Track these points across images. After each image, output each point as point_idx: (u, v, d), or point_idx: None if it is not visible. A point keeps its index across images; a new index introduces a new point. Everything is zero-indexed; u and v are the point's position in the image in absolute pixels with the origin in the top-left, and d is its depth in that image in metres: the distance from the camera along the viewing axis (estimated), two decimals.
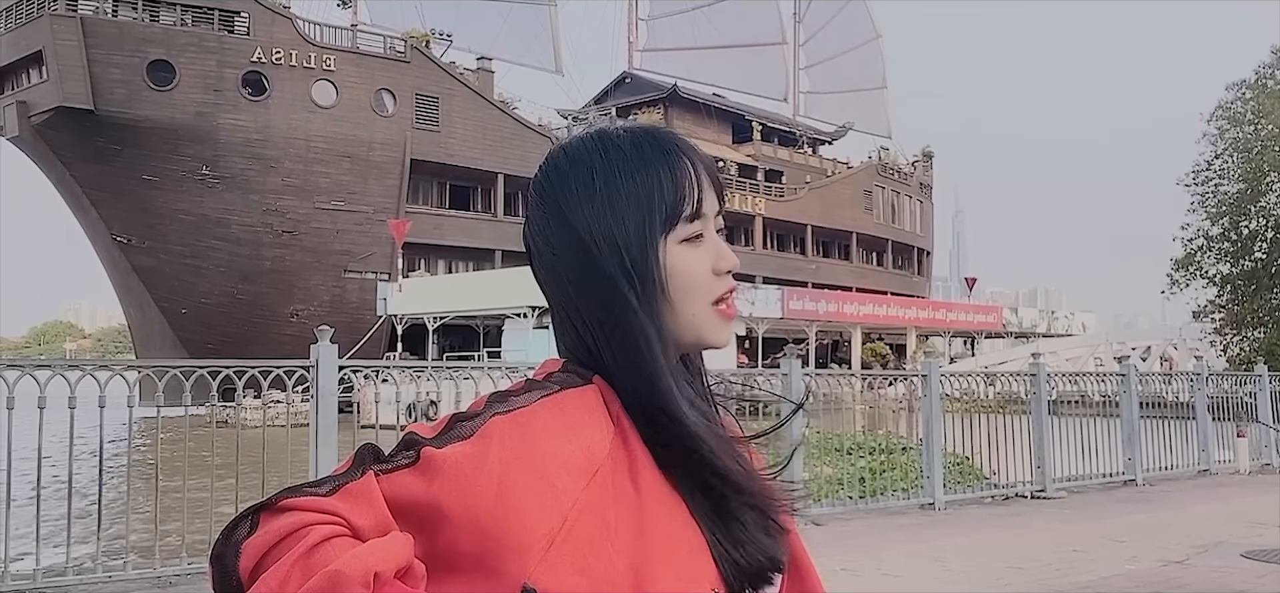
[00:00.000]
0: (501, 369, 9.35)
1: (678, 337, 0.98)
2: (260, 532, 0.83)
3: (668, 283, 0.96)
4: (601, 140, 1.01)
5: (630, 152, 0.99)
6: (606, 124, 1.05)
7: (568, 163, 1.01)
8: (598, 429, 0.92)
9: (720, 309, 0.99)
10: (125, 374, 6.79)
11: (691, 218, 0.98)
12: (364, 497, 0.86)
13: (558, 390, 0.94)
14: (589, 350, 0.98)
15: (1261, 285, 30.79)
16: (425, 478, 0.87)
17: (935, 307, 59.50)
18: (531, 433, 0.89)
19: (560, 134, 53.66)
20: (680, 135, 1.04)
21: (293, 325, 40.88)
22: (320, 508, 0.84)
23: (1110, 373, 14.19)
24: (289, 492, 0.86)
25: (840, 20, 75.59)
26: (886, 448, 11.75)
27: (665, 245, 0.97)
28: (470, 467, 0.87)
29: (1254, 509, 10.27)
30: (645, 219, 0.96)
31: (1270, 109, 29.20)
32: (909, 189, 73.42)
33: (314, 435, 6.88)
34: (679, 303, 0.97)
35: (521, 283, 39.23)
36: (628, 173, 0.98)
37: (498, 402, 0.93)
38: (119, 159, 40.94)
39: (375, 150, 45.67)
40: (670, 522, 0.92)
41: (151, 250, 42.78)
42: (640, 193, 0.97)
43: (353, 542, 0.83)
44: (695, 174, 0.99)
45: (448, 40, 50.26)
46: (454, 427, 0.90)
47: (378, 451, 0.90)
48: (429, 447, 0.88)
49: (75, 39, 39.94)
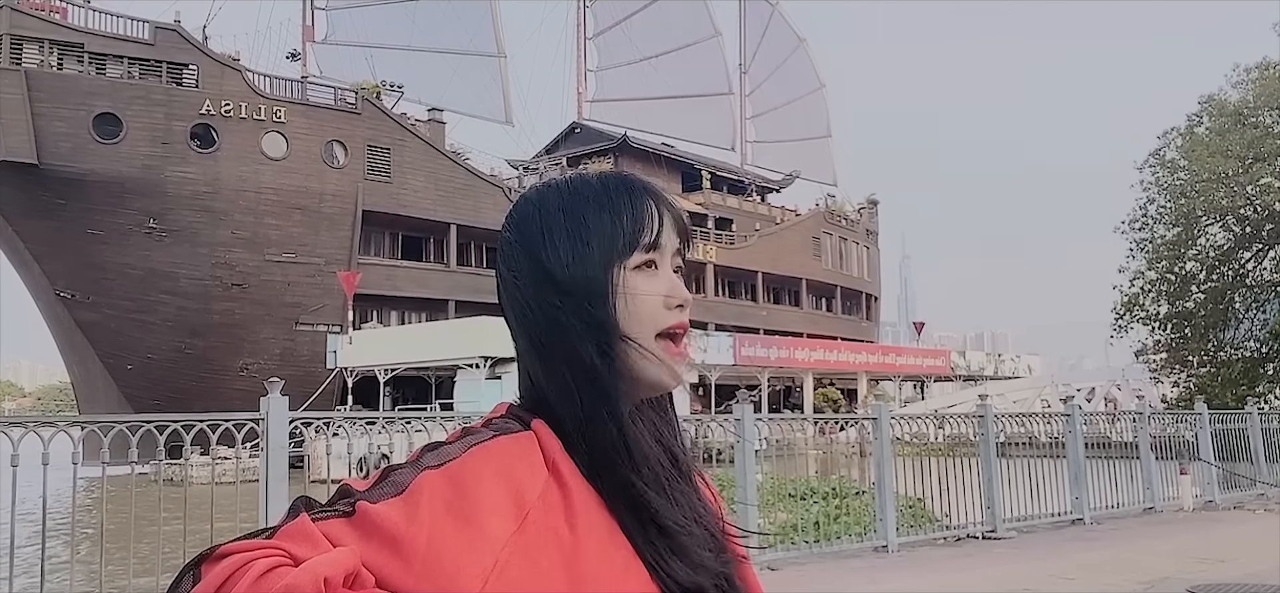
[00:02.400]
0: (455, 420, 9.29)
1: (631, 374, 1.00)
2: (204, 581, 0.83)
3: (618, 306, 0.99)
4: (570, 181, 1.06)
5: (597, 188, 1.04)
6: (575, 170, 1.10)
7: (537, 200, 1.05)
8: (529, 474, 0.94)
9: (667, 345, 1.01)
10: (69, 430, 6.66)
11: (648, 247, 1.01)
12: (302, 535, 0.87)
13: (491, 437, 0.96)
14: (541, 386, 1.00)
15: (1197, 326, 31.54)
16: (360, 532, 0.88)
17: (885, 351, 60.07)
18: (460, 482, 0.91)
19: (512, 184, 53.78)
20: (649, 180, 1.08)
21: (242, 380, 40.19)
22: (261, 546, 0.86)
23: (1056, 414, 14.44)
24: (226, 542, 0.87)
25: (784, 70, 76.86)
26: (840, 492, 11.82)
27: (620, 270, 1.00)
28: (402, 524, 0.88)
29: (1198, 545, 10.47)
30: (604, 245, 1.00)
31: (1199, 155, 30.08)
32: (856, 235, 74.39)
33: (263, 490, 6.78)
34: (628, 330, 0.99)
35: (474, 333, 39.05)
36: (593, 205, 1.02)
37: (429, 454, 0.94)
38: (63, 213, 40.21)
39: (326, 202, 45.34)
40: (608, 563, 0.93)
41: (96, 306, 41.94)
42: (603, 222, 1.01)
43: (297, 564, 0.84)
44: (657, 209, 1.03)
45: (399, 92, 50.21)
46: (386, 479, 0.92)
47: (311, 501, 0.92)
48: (363, 500, 0.90)
49: (19, 92, 39.32)
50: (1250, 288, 31.38)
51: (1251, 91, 31.08)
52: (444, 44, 54.46)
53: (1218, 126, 30.92)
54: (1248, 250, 31.55)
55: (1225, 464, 15.56)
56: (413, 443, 7.80)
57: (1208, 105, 31.78)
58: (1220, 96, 31.77)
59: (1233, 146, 29.44)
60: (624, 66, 69.19)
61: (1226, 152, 29.42)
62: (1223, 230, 31.55)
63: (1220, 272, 31.72)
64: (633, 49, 68.49)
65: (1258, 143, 29.33)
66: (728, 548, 1.05)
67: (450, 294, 48.80)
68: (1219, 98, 31.74)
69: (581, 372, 0.98)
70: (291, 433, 7.04)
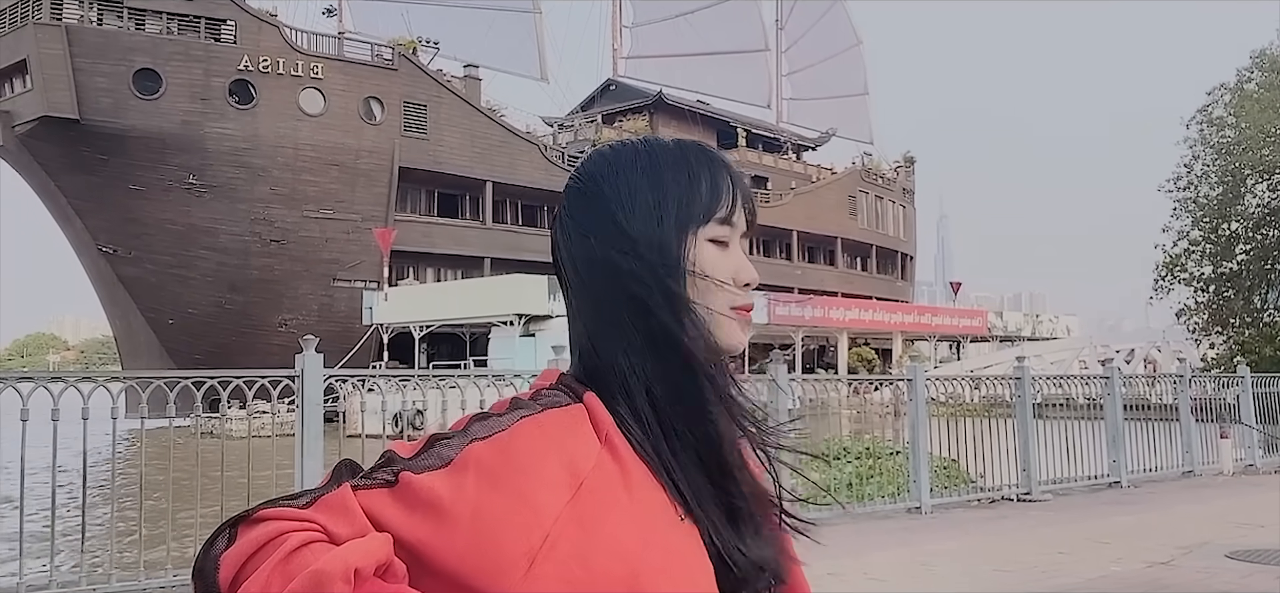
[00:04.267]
0: (488, 377, 9.33)
1: (699, 335, 0.98)
2: (238, 543, 0.83)
3: (696, 273, 0.98)
4: (646, 141, 1.04)
5: (674, 152, 1.03)
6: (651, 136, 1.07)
7: (613, 156, 1.03)
8: (581, 444, 0.91)
9: (737, 311, 1.01)
10: (109, 386, 6.76)
11: (723, 221, 1.00)
12: (341, 508, 0.86)
13: (541, 410, 0.93)
14: (600, 351, 0.98)
15: (1242, 287, 31.00)
16: (402, 503, 0.87)
17: (921, 311, 59.69)
18: (510, 455, 0.89)
19: (547, 141, 53.76)
20: (727, 157, 1.07)
21: (280, 335, 40.72)
22: (298, 518, 0.85)
23: (1094, 376, 14.27)
24: (266, 505, 0.87)
25: (821, 27, 76.00)
26: (873, 453, 11.77)
27: (696, 237, 0.99)
28: (446, 496, 0.87)
29: (1238, 510, 10.34)
30: (682, 209, 0.99)
31: (1248, 112, 29.40)
32: (892, 194, 73.73)
33: (299, 446, 6.86)
34: (702, 297, 0.98)
35: (508, 290, 39.27)
36: (670, 167, 1.01)
37: (478, 424, 0.92)
38: (105, 169, 40.76)
39: (363, 158, 45.58)
40: (668, 530, 0.91)
41: (138, 261, 42.58)
42: (681, 185, 1.00)
43: (331, 547, 0.83)
44: (733, 184, 1.02)
45: (434, 48, 50.25)
46: (432, 448, 0.90)
47: (355, 466, 0.91)
48: (407, 470, 0.88)
49: (60, 48, 39.77)
50: None
51: None
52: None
53: (1268, 82, 30.20)
54: None
55: (1268, 428, 15.33)
56: (446, 400, 7.85)
57: (1259, 60, 31.03)
58: (1272, 51, 30.99)
59: None
60: (659, 23, 68.78)
61: (1277, 107, 28.74)
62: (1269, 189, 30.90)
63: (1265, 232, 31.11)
64: (668, 5, 68.05)
65: None
66: (781, 534, 1.04)
67: (486, 251, 49.01)
68: (1271, 53, 30.96)
69: (650, 333, 0.96)
70: (327, 389, 7.11)
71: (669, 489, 0.94)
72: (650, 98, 62.52)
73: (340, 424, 7.75)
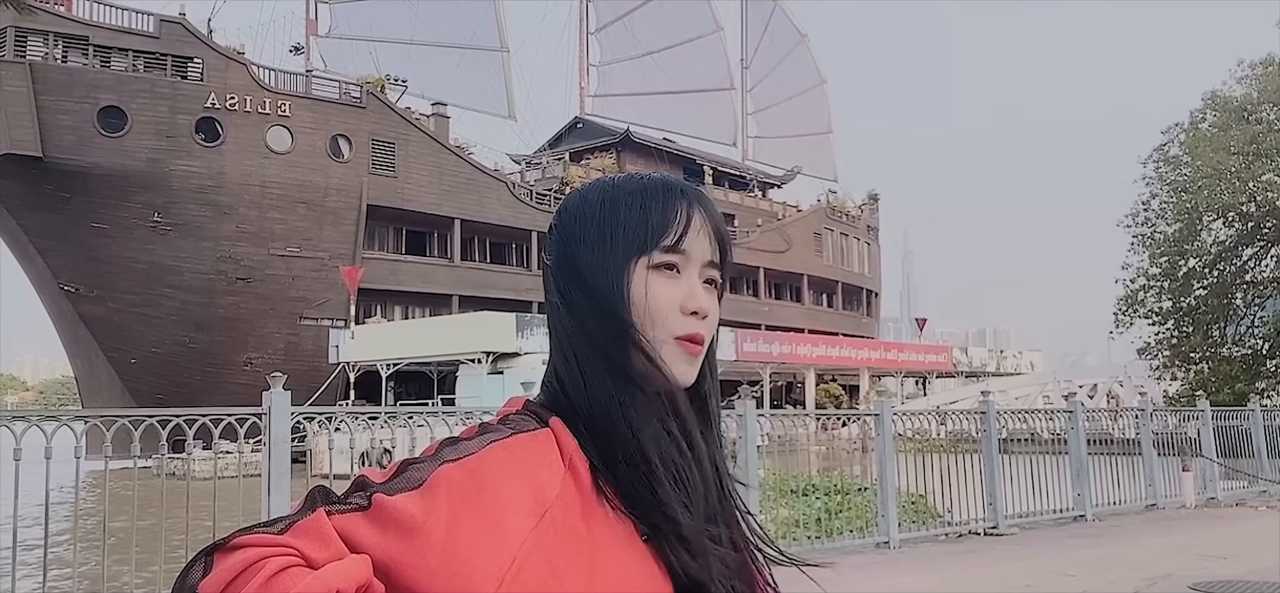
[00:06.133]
0: (457, 415, 9.30)
1: (640, 369, 0.98)
2: (216, 571, 0.83)
3: (631, 301, 0.98)
4: (617, 177, 1.06)
5: (637, 186, 1.04)
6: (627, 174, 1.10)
7: (583, 193, 1.06)
8: (548, 471, 0.93)
9: (682, 342, 1.00)
10: (72, 424, 6.67)
11: (669, 248, 1.00)
12: (317, 532, 0.86)
13: (509, 434, 0.95)
14: (562, 380, 1.00)
15: (1200, 322, 31.52)
16: (376, 525, 0.88)
17: (887, 347, 60.05)
18: (479, 477, 0.90)
19: (514, 179, 53.78)
20: (700, 189, 1.07)
21: (246, 374, 40.23)
22: (274, 543, 0.85)
23: (1058, 411, 14.43)
24: (241, 532, 0.87)
25: (785, 66, 76.87)
26: (841, 488, 11.83)
27: (636, 265, 0.99)
28: (419, 515, 0.88)
29: (1200, 542, 10.47)
30: (628, 240, 1.00)
31: (1202, 151, 30.04)
32: (857, 231, 74.33)
33: (266, 485, 6.80)
34: (642, 326, 0.98)
35: (476, 328, 39.08)
36: (625, 201, 1.02)
37: (448, 448, 0.94)
38: (68, 206, 40.24)
39: (331, 196, 45.35)
40: (623, 563, 0.92)
41: (100, 299, 41.98)
42: (631, 216, 1.01)
43: (310, 570, 0.83)
44: (686, 213, 1.02)
45: (402, 86, 50.21)
46: (404, 472, 0.92)
47: (329, 492, 0.92)
48: (380, 493, 0.89)
49: (24, 85, 39.34)
50: (1252, 285, 31.35)
51: (1255, 87, 31.04)
52: (447, 38, 54.48)
53: (1221, 122, 30.90)
54: (1249, 247, 31.51)
55: (1227, 461, 15.56)
56: (414, 438, 7.81)
57: (1211, 101, 31.75)
58: (1224, 92, 31.74)
59: (1235, 142, 29.41)
60: (626, 61, 69.19)
61: (1229, 147, 29.39)
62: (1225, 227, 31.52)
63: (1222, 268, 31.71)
64: (635, 44, 68.48)
65: (1260, 138, 29.28)
66: (749, 555, 1.04)
67: (454, 289, 48.80)
68: (1223, 94, 31.71)
69: (593, 365, 0.98)
70: (294, 428, 7.06)
71: (625, 512, 0.95)
72: (617, 136, 62.75)
73: (307, 464, 7.69)
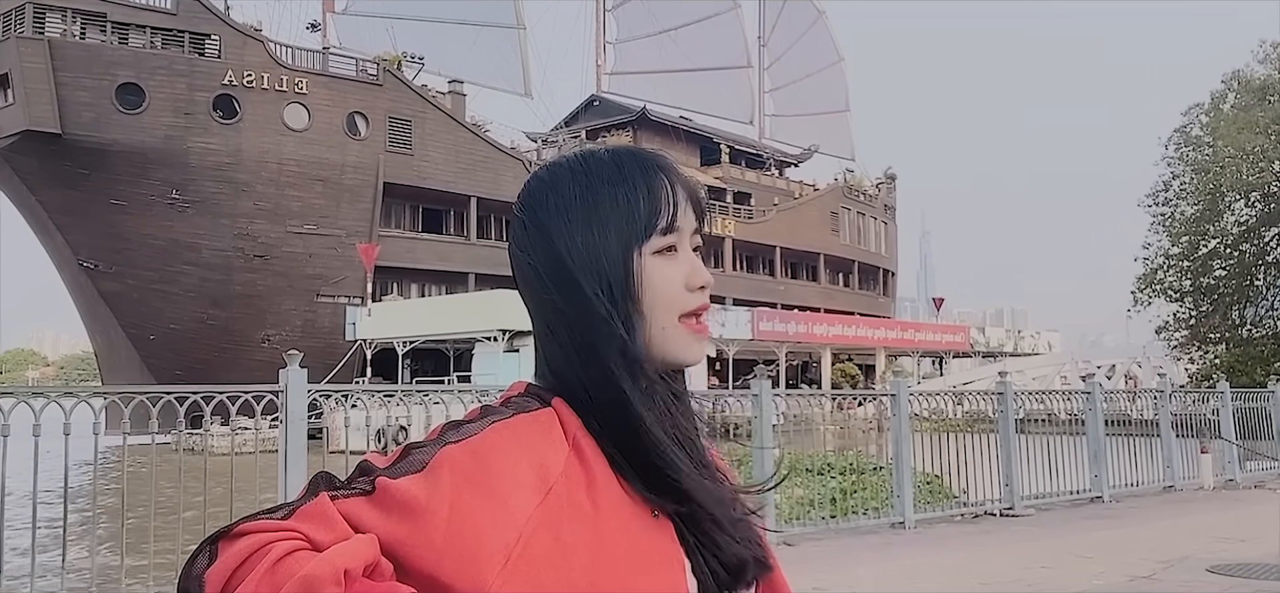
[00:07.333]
0: (472, 393, 9.31)
1: (650, 353, 0.99)
2: (221, 559, 0.83)
3: (641, 293, 0.98)
4: (583, 157, 1.04)
5: (610, 166, 1.02)
6: (589, 145, 1.08)
7: (550, 178, 1.03)
8: (551, 449, 0.93)
9: (690, 324, 1.00)
10: (91, 401, 6.71)
11: (666, 231, 0.99)
12: (321, 516, 0.86)
13: (511, 415, 0.95)
14: (559, 368, 0.99)
15: (1220, 303, 31.30)
16: (380, 508, 0.88)
17: (904, 327, 59.85)
18: (482, 457, 0.90)
19: (531, 157, 53.77)
20: (663, 155, 1.06)
21: (263, 351, 40.46)
22: (279, 528, 0.85)
23: (1076, 391, 14.36)
24: (245, 519, 0.86)
25: (803, 44, 76.39)
26: (857, 468, 11.81)
27: (639, 255, 0.98)
28: (423, 496, 0.88)
29: (1218, 524, 10.42)
30: (621, 229, 0.98)
31: (1225, 131, 29.76)
32: (873, 211, 74.03)
33: (282, 461, 6.83)
34: (650, 315, 0.98)
35: (492, 306, 39.13)
36: (607, 185, 1.00)
37: (450, 431, 0.94)
38: (86, 183, 40.48)
39: (348, 174, 45.45)
40: (631, 539, 0.92)
41: (119, 276, 42.26)
42: (618, 203, 0.99)
43: (316, 553, 0.83)
44: (671, 190, 1.01)
45: (419, 63, 50.19)
46: (407, 456, 0.92)
47: (331, 477, 0.92)
48: (383, 477, 0.89)
49: (42, 62, 39.51)
50: (1273, 265, 31.09)
51: (1278, 67, 30.69)
52: (464, 15, 54.34)
53: (1243, 102, 30.59)
54: (1272, 227, 31.23)
55: (1247, 443, 15.46)
56: (430, 416, 7.83)
57: (1233, 81, 31.43)
58: (1246, 72, 31.40)
59: (1258, 122, 29.11)
60: (643, 39, 68.92)
61: (1252, 127, 29.09)
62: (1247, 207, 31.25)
63: (1243, 249, 31.44)
64: (652, 21, 68.17)
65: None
66: (754, 530, 1.04)
67: (470, 267, 48.91)
68: (1245, 74, 31.38)
69: (597, 355, 0.97)
70: (311, 405, 7.09)
71: (635, 490, 0.95)
72: (634, 114, 62.64)
73: (324, 440, 7.72)
